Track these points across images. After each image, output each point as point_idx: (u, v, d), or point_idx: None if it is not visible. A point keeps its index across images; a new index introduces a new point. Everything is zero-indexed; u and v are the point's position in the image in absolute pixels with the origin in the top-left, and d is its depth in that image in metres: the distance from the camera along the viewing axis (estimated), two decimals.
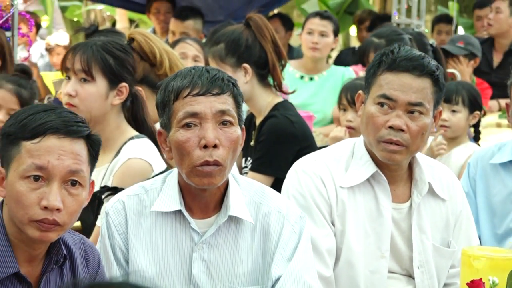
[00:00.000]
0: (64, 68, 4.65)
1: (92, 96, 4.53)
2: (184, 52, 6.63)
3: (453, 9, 14.69)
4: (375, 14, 11.62)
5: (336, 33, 8.32)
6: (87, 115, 4.42)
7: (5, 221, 3.30)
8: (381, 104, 3.99)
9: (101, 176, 4.45)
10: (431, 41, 8.17)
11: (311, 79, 7.94)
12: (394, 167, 4.10)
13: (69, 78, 4.57)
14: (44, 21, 15.86)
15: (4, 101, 5.14)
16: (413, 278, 4.16)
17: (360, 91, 4.16)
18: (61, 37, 11.81)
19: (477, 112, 6.25)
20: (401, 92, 3.98)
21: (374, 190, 4.09)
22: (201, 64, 6.42)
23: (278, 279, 3.69)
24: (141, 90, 4.74)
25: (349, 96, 6.03)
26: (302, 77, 7.90)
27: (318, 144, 6.01)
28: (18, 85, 5.27)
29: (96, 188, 4.35)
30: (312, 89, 7.81)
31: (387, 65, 4.02)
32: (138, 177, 4.31)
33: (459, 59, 8.59)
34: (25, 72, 5.55)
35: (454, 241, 4.24)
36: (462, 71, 8.52)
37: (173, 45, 6.86)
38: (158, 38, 5.17)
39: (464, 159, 6.02)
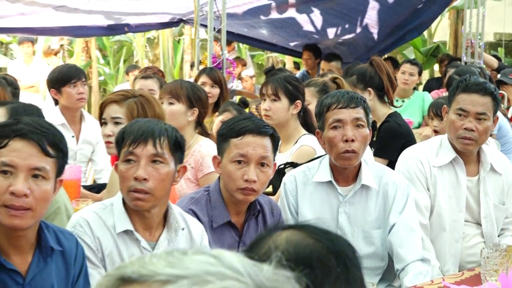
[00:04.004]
0: (260, 94, 4.70)
1: (280, 109, 4.55)
2: None
3: (501, 52, 14.37)
4: (450, 56, 11.39)
5: (419, 73, 8.19)
6: (277, 121, 4.50)
7: (221, 189, 3.31)
8: (459, 114, 3.90)
9: (285, 157, 4.46)
10: (487, 72, 8.03)
11: (403, 101, 7.82)
12: (468, 154, 3.99)
13: (264, 100, 4.61)
14: None
15: None
16: (480, 225, 4.05)
17: (444, 105, 4.08)
18: (249, 72, 11.99)
19: None
20: (471, 106, 3.88)
21: (455, 168, 3.99)
22: None
23: (393, 225, 3.65)
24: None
25: (434, 110, 5.88)
26: (397, 100, 7.77)
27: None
28: (240, 112, 5.36)
29: (282, 165, 4.38)
30: (404, 107, 7.65)
31: (462, 88, 3.92)
32: (307, 156, 4.33)
33: (509, 86, 8.39)
34: (244, 103, 5.64)
35: (507, 201, 4.11)
36: (510, 92, 8.33)
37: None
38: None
39: None
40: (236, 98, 9.95)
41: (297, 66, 13.72)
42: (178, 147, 2.89)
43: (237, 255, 1.00)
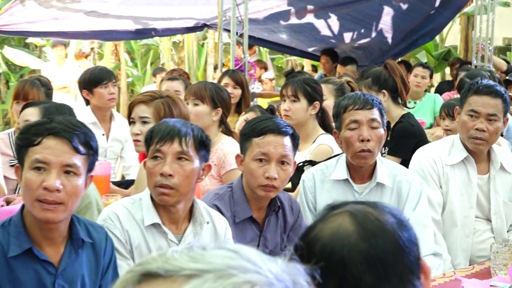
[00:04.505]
0: (281, 95, 4.67)
1: (298, 110, 4.52)
2: None
3: (510, 56, 14.27)
4: (461, 59, 11.32)
5: (431, 76, 8.13)
6: (296, 121, 4.45)
7: (244, 186, 3.30)
8: (470, 115, 3.86)
9: (303, 155, 4.43)
10: (496, 75, 7.97)
11: (415, 102, 7.77)
12: (479, 153, 3.96)
13: (284, 100, 4.58)
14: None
15: None
16: (490, 221, 4.02)
17: (457, 107, 4.04)
18: (269, 74, 11.94)
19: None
20: (483, 107, 3.84)
21: (466, 166, 3.96)
22: None
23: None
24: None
25: (446, 110, 5.83)
26: (409, 102, 7.72)
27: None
28: (263, 113, 5.32)
29: (300, 163, 4.34)
30: (416, 108, 7.60)
31: (473, 91, 3.89)
32: (324, 155, 4.30)
33: None
34: (272, 111, 5.62)
35: None
36: None
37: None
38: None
39: None
40: (257, 100, 9.95)
41: (314, 69, 13.69)
42: (203, 146, 2.88)
43: (254, 250, 1.00)
